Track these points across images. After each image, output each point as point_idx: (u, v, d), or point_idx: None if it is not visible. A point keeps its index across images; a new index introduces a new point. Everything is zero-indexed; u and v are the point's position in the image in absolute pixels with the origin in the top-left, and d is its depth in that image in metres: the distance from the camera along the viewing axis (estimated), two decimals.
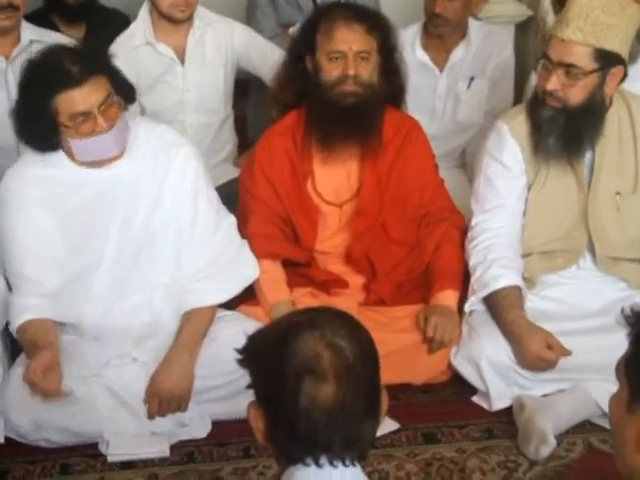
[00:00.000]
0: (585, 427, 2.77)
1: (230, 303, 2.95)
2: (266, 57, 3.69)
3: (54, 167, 2.73)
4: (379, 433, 2.59)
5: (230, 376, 2.64)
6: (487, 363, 2.82)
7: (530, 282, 2.97)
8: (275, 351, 1.54)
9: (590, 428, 2.76)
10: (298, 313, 1.73)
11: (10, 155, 2.98)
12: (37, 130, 2.65)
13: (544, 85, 2.79)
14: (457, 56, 3.75)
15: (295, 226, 3.11)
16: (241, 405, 1.69)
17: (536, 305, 2.94)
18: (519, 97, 3.87)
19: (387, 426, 2.72)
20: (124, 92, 2.70)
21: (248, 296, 3.01)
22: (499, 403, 2.83)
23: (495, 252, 2.94)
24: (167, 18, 3.60)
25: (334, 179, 3.11)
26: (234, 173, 3.56)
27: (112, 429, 2.69)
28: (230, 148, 3.91)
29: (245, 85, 4.07)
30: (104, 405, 2.69)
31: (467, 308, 2.96)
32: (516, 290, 2.89)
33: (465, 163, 3.86)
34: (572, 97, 2.78)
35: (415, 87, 3.33)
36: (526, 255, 2.99)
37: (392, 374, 2.62)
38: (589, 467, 2.25)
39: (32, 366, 2.57)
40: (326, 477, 1.53)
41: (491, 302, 2.91)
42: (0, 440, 2.68)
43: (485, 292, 2.91)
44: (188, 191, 2.82)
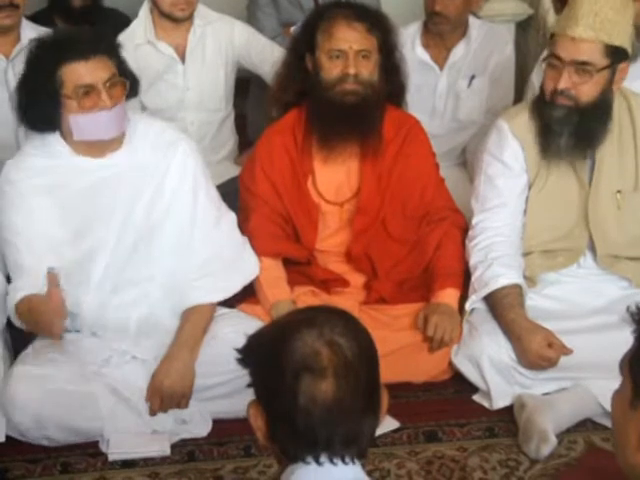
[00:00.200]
0: (586, 425, 2.76)
1: (230, 302, 2.95)
2: (266, 55, 3.69)
3: (53, 157, 2.74)
4: (380, 432, 2.62)
5: (230, 374, 2.63)
6: (488, 362, 2.82)
7: (531, 280, 2.97)
8: (274, 349, 1.54)
9: (591, 426, 2.76)
10: (297, 312, 1.73)
11: (10, 153, 2.97)
12: (39, 103, 2.65)
13: (555, 84, 2.78)
14: (457, 54, 3.75)
15: (295, 225, 3.11)
16: (241, 404, 1.68)
17: (537, 304, 2.94)
18: (519, 96, 3.87)
19: (388, 425, 2.72)
20: (128, 80, 2.71)
21: (248, 295, 3.01)
22: (500, 402, 2.83)
23: (496, 251, 2.93)
24: (167, 17, 3.62)
25: (334, 178, 3.11)
26: (234, 171, 3.56)
27: (113, 427, 2.69)
28: (231, 146, 3.92)
29: (245, 84, 4.08)
30: (105, 403, 2.69)
31: (468, 307, 2.96)
32: (517, 289, 2.89)
33: (466, 162, 3.86)
34: (584, 94, 2.77)
35: (415, 85, 3.34)
36: (527, 254, 2.98)
37: (393, 373, 2.62)
38: (592, 466, 2.24)
39: (43, 308, 2.53)
40: (327, 475, 1.53)
41: (492, 301, 2.91)
42: (1, 439, 2.68)
43: (486, 291, 2.91)
44: (188, 186, 2.82)
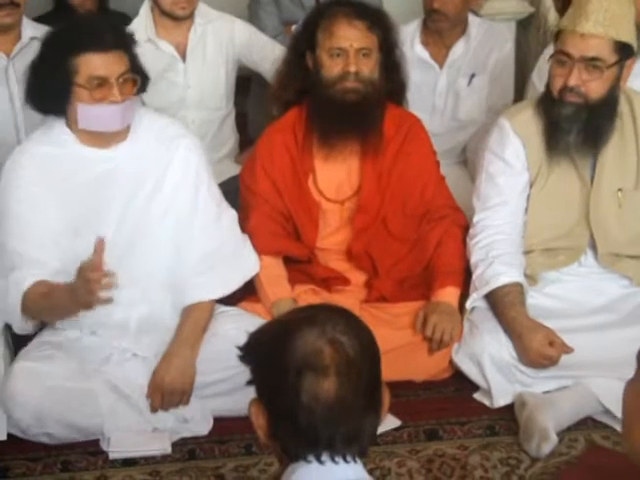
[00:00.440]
0: (587, 424, 2.76)
1: (231, 300, 2.94)
2: (267, 53, 3.70)
3: (58, 146, 2.74)
4: (381, 430, 2.60)
5: (231, 371, 2.63)
6: (489, 360, 2.82)
7: (532, 279, 2.97)
8: (276, 347, 1.54)
9: (592, 425, 2.76)
10: (298, 310, 1.74)
11: (11, 152, 2.97)
12: (49, 85, 2.65)
13: (563, 81, 2.77)
14: (457, 52, 3.75)
15: (296, 223, 3.11)
16: (242, 402, 1.68)
17: (538, 302, 2.94)
18: (520, 94, 3.87)
19: (389, 423, 2.72)
20: (140, 77, 2.72)
21: (249, 293, 3.01)
22: (501, 400, 2.83)
23: (497, 249, 2.93)
24: (168, 15, 3.62)
25: (335, 176, 3.11)
26: (235, 170, 3.56)
27: (113, 425, 2.69)
28: (231, 145, 3.92)
29: (246, 82, 4.08)
30: (105, 400, 2.69)
31: (468, 305, 2.95)
32: (518, 287, 2.88)
33: (466, 160, 3.86)
34: (593, 91, 2.77)
35: (415, 84, 3.33)
36: (528, 252, 2.98)
37: (393, 371, 2.61)
38: (592, 464, 2.24)
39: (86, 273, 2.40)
40: (328, 474, 1.52)
41: (493, 299, 2.91)
42: (2, 437, 2.68)
43: (486, 289, 2.91)
44: (190, 181, 2.81)
